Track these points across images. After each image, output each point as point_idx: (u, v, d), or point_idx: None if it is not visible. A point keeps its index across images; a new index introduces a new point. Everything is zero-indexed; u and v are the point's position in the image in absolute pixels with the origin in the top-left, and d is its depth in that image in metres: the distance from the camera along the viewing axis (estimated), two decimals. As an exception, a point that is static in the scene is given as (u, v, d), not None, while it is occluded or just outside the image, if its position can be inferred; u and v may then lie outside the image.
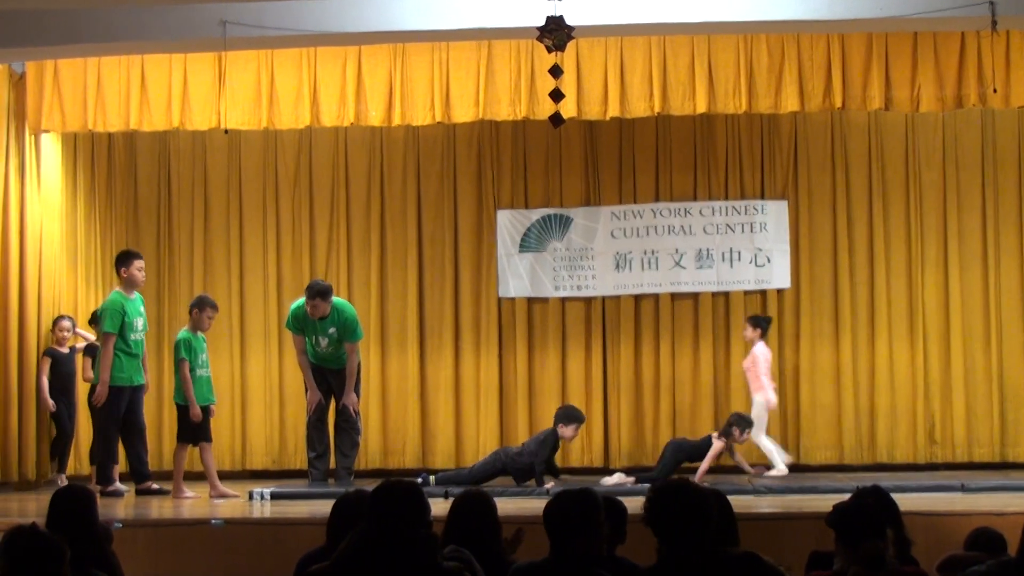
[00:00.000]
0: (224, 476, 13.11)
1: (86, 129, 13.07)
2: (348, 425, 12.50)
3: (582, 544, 5.52)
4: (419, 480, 11.50)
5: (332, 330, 12.38)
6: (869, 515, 6.00)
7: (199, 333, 12.18)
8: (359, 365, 12.68)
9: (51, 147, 13.49)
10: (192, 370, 12.00)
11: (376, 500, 5.15)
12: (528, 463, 12.17)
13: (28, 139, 13.05)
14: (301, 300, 12.52)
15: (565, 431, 12.37)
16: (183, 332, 12.17)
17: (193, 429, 12.09)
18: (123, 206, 14.45)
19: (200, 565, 9.62)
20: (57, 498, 6.40)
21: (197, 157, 14.55)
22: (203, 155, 14.55)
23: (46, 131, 13.12)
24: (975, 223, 14.05)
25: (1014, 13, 11.31)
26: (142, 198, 14.56)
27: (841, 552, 5.97)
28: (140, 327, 12.27)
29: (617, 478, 12.38)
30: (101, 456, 12.30)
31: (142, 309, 12.35)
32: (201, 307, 12.19)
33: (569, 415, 12.48)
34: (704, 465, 12.16)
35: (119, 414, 12.17)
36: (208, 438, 12.23)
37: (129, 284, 12.29)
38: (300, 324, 12.47)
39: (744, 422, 12.34)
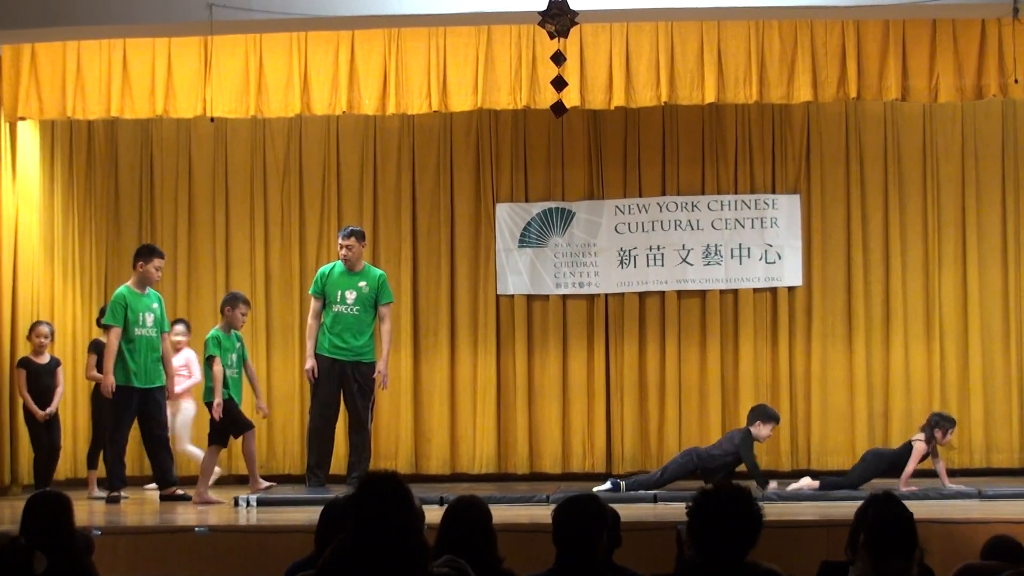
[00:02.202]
0: None
1: (65, 116, 12.83)
2: (359, 436, 12.28)
3: (589, 551, 5.53)
4: (608, 486, 11.51)
5: (363, 284, 12.23)
6: (910, 530, 5.65)
7: (232, 332, 11.95)
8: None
9: (28, 135, 13.29)
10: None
11: (356, 504, 4.85)
12: (724, 463, 11.88)
13: (3, 127, 12.79)
14: (327, 266, 12.44)
15: (761, 430, 12.01)
16: (213, 331, 11.95)
17: (223, 430, 11.85)
18: (103, 197, 14.26)
19: (183, 574, 9.29)
20: (31, 505, 6.17)
21: (181, 146, 14.39)
22: (188, 144, 14.39)
23: (23, 118, 12.85)
24: (995, 218, 13.94)
25: None
26: (123, 189, 14.38)
27: (864, 566, 5.61)
28: (150, 323, 11.94)
29: (803, 482, 12.03)
30: (107, 461, 12.09)
31: (155, 306, 12.03)
32: (233, 304, 11.97)
33: (767, 414, 12.15)
34: (908, 468, 11.77)
35: (127, 417, 11.85)
36: (225, 443, 12.07)
37: (141, 280, 12.00)
38: (322, 284, 12.30)
39: (946, 421, 11.99)
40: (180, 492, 11.90)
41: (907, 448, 11.88)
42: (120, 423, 11.85)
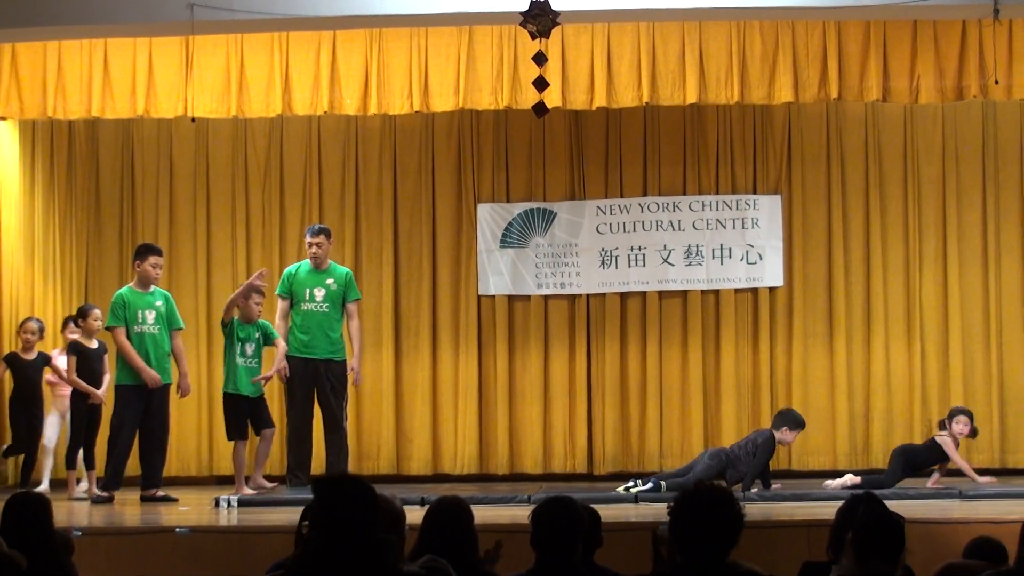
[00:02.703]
0: (190, 482, 13.12)
1: (45, 116, 12.76)
2: (335, 435, 12.23)
3: (568, 552, 5.58)
4: (632, 483, 11.64)
5: (330, 281, 12.25)
6: (899, 535, 5.62)
7: (254, 322, 12.05)
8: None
9: (8, 135, 13.30)
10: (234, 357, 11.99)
11: (320, 505, 4.84)
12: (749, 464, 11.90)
13: (-17, 127, 12.80)
14: (293, 266, 12.49)
15: (787, 436, 12.01)
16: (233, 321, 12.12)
17: (234, 423, 12.03)
18: (84, 198, 14.20)
19: (164, 575, 9.31)
20: (10, 506, 6.15)
21: (162, 146, 14.32)
22: (168, 144, 14.32)
23: (3, 118, 12.80)
24: (975, 219, 13.93)
25: (1017, 1, 11.20)
26: (104, 189, 14.31)
27: (849, 564, 5.58)
28: (151, 321, 11.90)
29: (847, 479, 12.01)
30: (109, 459, 11.96)
31: (159, 304, 11.97)
32: (245, 296, 12.01)
33: (795, 420, 12.11)
34: (957, 461, 11.85)
35: (129, 417, 11.81)
36: (244, 435, 12.20)
37: (141, 279, 11.98)
38: (289, 283, 12.31)
39: (957, 412, 12.05)
40: (162, 495, 11.83)
41: (931, 445, 11.96)
42: (123, 423, 11.81)
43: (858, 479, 11.86)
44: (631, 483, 11.68)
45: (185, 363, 12.15)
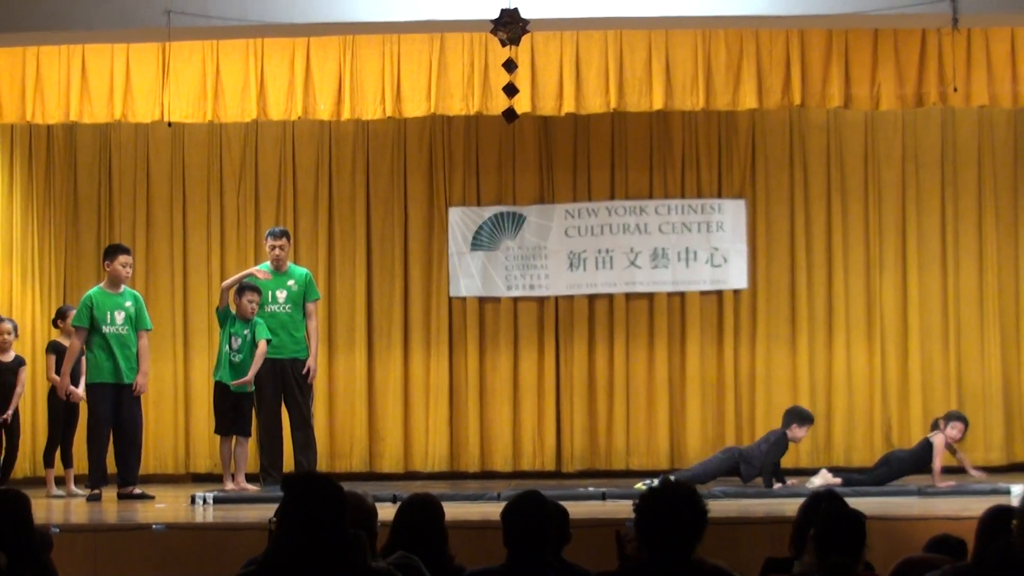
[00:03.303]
0: (167, 480, 13.12)
1: (24, 120, 12.75)
2: (303, 433, 12.37)
3: (537, 546, 5.63)
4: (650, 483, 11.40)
5: (291, 283, 12.38)
6: (860, 531, 5.78)
7: (250, 320, 12.12)
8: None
9: (-13, 139, 13.26)
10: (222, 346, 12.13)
11: (290, 503, 4.91)
12: (760, 463, 12.02)
13: (-38, 131, 12.76)
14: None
15: (797, 432, 12.17)
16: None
17: (218, 412, 12.17)
18: (62, 201, 14.21)
19: (141, 572, 9.38)
20: (-11, 504, 6.15)
21: (139, 151, 14.35)
22: (145, 149, 14.35)
23: (-18, 123, 12.82)
24: (934, 223, 14.07)
25: (975, 11, 11.27)
26: (82, 193, 14.34)
27: (811, 561, 5.73)
28: (120, 321, 11.90)
29: (822, 477, 12.09)
30: (89, 458, 12.04)
31: (128, 304, 11.98)
32: (240, 292, 12.13)
33: (802, 416, 12.27)
34: (935, 464, 11.89)
35: (101, 413, 11.86)
36: (244, 432, 12.27)
37: (112, 279, 12.01)
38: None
39: (952, 417, 12.14)
40: (138, 492, 11.88)
41: (924, 445, 12.02)
42: (96, 421, 11.86)
43: (837, 480, 11.86)
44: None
45: (147, 363, 12.00)
